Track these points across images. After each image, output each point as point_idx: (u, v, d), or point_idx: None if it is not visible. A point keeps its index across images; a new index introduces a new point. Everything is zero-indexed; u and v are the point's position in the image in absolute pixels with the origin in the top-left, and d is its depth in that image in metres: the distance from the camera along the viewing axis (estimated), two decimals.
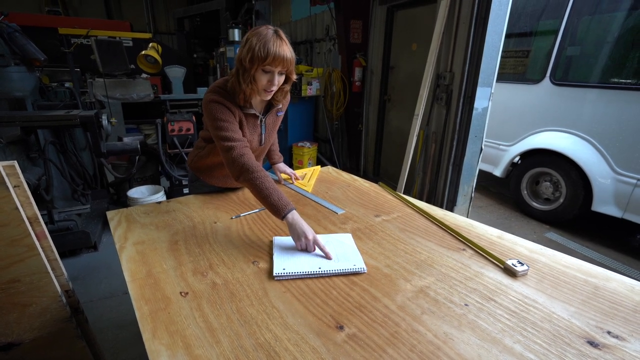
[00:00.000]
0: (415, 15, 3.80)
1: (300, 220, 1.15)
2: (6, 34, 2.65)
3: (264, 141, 1.49)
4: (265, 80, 1.24)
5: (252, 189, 1.22)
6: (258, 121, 1.42)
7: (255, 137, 1.44)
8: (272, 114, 1.47)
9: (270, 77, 1.24)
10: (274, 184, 1.21)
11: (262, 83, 1.25)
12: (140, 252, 1.12)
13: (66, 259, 2.75)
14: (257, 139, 1.46)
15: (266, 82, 1.24)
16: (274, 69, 1.22)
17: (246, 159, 1.24)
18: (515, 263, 1.03)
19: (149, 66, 3.78)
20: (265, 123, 1.45)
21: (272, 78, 1.24)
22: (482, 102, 2.84)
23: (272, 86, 1.26)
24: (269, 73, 1.23)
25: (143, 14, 9.64)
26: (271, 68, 1.21)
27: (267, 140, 1.51)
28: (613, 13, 3.04)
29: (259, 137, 1.46)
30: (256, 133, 1.44)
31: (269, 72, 1.23)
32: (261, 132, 1.46)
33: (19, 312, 1.03)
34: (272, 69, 1.21)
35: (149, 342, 0.76)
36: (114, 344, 1.95)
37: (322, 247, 1.10)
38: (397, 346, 0.76)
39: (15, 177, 0.95)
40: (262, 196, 1.19)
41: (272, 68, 1.21)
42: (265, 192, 1.18)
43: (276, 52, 1.18)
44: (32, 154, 2.64)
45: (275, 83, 1.25)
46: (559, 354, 0.74)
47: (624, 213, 2.99)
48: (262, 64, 1.19)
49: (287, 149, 5.03)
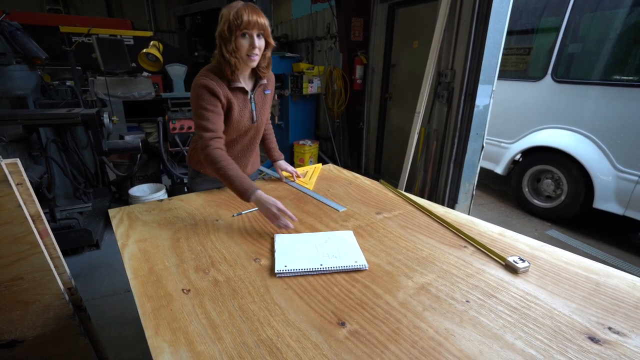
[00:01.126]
0: (416, 12, 3.79)
1: (264, 197, 1.26)
2: (8, 32, 2.65)
3: (256, 118, 1.55)
4: (247, 45, 1.33)
5: (219, 177, 1.34)
6: (248, 97, 1.49)
7: (246, 114, 1.50)
8: (259, 92, 1.54)
9: (250, 41, 1.32)
10: (237, 171, 1.32)
11: (245, 48, 1.33)
12: (142, 250, 1.13)
13: (68, 257, 2.77)
14: (249, 116, 1.52)
15: (248, 46, 1.33)
16: (252, 32, 1.31)
17: (212, 149, 1.34)
18: (516, 260, 1.03)
19: (150, 64, 3.78)
20: (255, 100, 1.52)
21: (252, 41, 1.32)
22: (483, 100, 2.84)
23: (254, 49, 1.34)
24: (248, 37, 1.32)
25: (144, 12, 9.62)
26: (248, 31, 1.31)
27: (259, 118, 1.57)
28: (615, 10, 3.03)
29: (250, 114, 1.52)
30: (247, 109, 1.50)
31: (248, 35, 1.32)
32: (252, 109, 1.52)
33: (22, 310, 1.04)
34: (249, 31, 1.31)
35: (152, 339, 0.77)
36: (116, 342, 1.96)
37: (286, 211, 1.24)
38: (399, 342, 0.76)
39: (18, 174, 0.96)
40: (228, 183, 1.31)
41: (250, 31, 1.31)
42: (230, 180, 1.30)
43: (249, 16, 1.28)
44: (34, 153, 2.64)
45: (256, 45, 1.33)
46: (560, 349, 0.74)
47: (625, 210, 2.98)
48: (239, 29, 1.29)
49: (289, 147, 5.03)
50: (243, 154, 1.64)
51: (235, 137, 1.55)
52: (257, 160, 1.79)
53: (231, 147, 1.58)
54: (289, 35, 6.38)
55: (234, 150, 1.59)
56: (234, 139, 1.55)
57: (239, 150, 1.61)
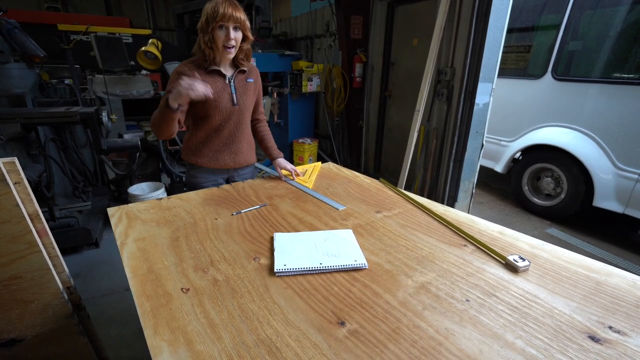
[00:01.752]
0: (415, 10, 3.78)
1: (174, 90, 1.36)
2: (5, 30, 2.64)
3: (236, 101, 1.62)
4: (222, 36, 1.44)
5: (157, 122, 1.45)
6: (226, 80, 1.59)
7: (225, 95, 1.58)
8: (240, 78, 1.63)
9: (226, 32, 1.44)
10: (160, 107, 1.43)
11: (221, 39, 1.44)
12: (141, 249, 1.12)
13: (67, 255, 2.76)
14: (229, 97, 1.60)
15: (224, 37, 1.44)
16: (227, 24, 1.42)
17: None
18: (516, 258, 1.03)
19: (148, 62, 3.76)
20: (235, 84, 1.61)
21: (228, 32, 1.43)
22: (483, 98, 2.83)
23: (230, 40, 1.45)
24: (224, 29, 1.43)
25: (143, 10, 9.60)
26: (224, 23, 1.42)
27: (240, 102, 1.64)
28: (615, 7, 3.02)
29: (230, 96, 1.60)
30: (226, 92, 1.59)
31: (224, 27, 1.43)
32: (231, 92, 1.60)
33: (21, 309, 1.04)
34: (225, 24, 1.42)
35: (151, 338, 0.76)
36: (116, 340, 1.96)
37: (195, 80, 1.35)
38: (399, 342, 0.76)
39: (15, 173, 0.95)
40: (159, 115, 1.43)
41: (226, 23, 1.42)
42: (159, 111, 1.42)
43: (226, 10, 1.39)
44: (33, 151, 2.63)
45: (231, 37, 1.44)
46: (561, 349, 0.74)
47: (625, 208, 2.98)
48: (215, 21, 1.40)
49: (288, 145, 5.03)
50: (231, 139, 1.69)
51: (220, 122, 1.62)
52: (251, 152, 1.82)
53: (219, 133, 1.65)
54: (288, 33, 6.37)
55: (221, 136, 1.66)
56: (219, 123, 1.63)
57: (226, 135, 1.67)
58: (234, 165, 1.76)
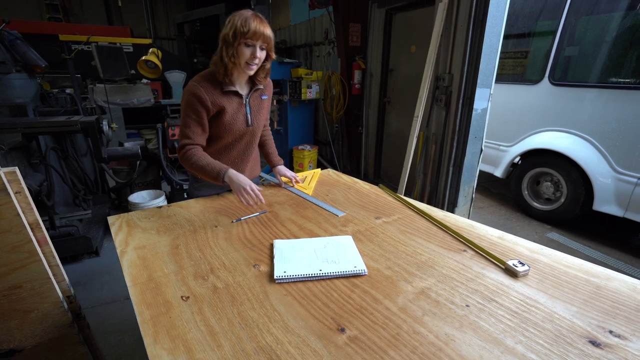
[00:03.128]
0: (413, 17, 3.82)
1: (237, 176, 1.37)
2: (7, 41, 2.67)
3: (250, 122, 1.56)
4: (248, 54, 1.36)
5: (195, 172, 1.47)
6: (242, 100, 1.52)
7: (240, 117, 1.52)
8: (256, 96, 1.57)
9: (252, 51, 1.36)
10: (207, 159, 1.43)
11: (245, 56, 1.36)
12: (141, 257, 1.12)
13: (68, 264, 2.76)
14: (243, 119, 1.54)
15: (249, 55, 1.36)
16: (255, 43, 1.34)
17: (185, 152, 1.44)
18: (516, 263, 1.03)
19: (149, 71, 3.80)
20: (250, 104, 1.55)
21: (255, 51, 1.36)
22: (481, 103, 2.85)
23: (255, 59, 1.37)
24: (251, 47, 1.35)
25: (143, 19, 9.69)
26: (253, 42, 1.34)
27: (254, 122, 1.58)
28: (610, 13, 3.05)
29: (245, 117, 1.54)
30: (241, 113, 1.53)
31: (251, 45, 1.35)
32: (246, 112, 1.54)
33: (20, 319, 1.03)
34: (253, 42, 1.34)
35: (151, 347, 0.76)
36: (115, 350, 1.95)
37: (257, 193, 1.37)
38: (399, 348, 0.76)
39: (16, 183, 0.96)
40: (202, 173, 1.43)
41: (254, 42, 1.34)
42: (203, 170, 1.42)
43: (257, 27, 1.31)
44: (34, 160, 2.65)
45: (257, 56, 1.37)
46: (561, 354, 0.74)
47: (625, 212, 2.98)
48: (244, 37, 1.32)
49: (288, 152, 5.04)
50: (240, 159, 1.65)
51: (231, 141, 1.57)
52: (256, 166, 1.79)
53: (228, 152, 1.60)
54: (288, 41, 6.42)
55: (230, 154, 1.61)
56: (229, 142, 1.57)
57: (235, 155, 1.62)
58: None
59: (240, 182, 1.36)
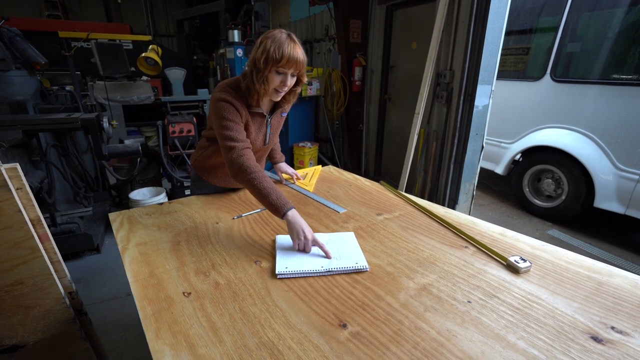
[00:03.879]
0: (414, 14, 3.80)
1: (299, 218, 1.15)
2: (7, 38, 2.66)
3: (268, 141, 1.52)
4: (278, 81, 1.27)
5: (251, 189, 1.23)
6: (264, 120, 1.45)
7: (260, 137, 1.47)
8: (277, 114, 1.50)
9: (283, 79, 1.26)
10: (272, 184, 1.22)
11: (275, 84, 1.27)
12: (142, 253, 1.12)
13: (69, 261, 2.76)
14: (262, 139, 1.49)
15: (279, 82, 1.27)
16: (287, 71, 1.25)
17: (245, 159, 1.26)
18: (517, 260, 1.03)
19: (149, 68, 3.79)
20: (271, 123, 1.49)
21: (285, 79, 1.27)
22: (482, 100, 2.84)
23: (284, 87, 1.29)
24: (282, 74, 1.26)
25: (143, 16, 9.66)
26: (284, 70, 1.24)
27: (271, 140, 1.55)
28: (613, 9, 3.03)
29: (264, 137, 1.49)
30: (262, 132, 1.47)
31: (282, 73, 1.25)
32: (266, 132, 1.49)
33: (23, 314, 1.04)
34: (285, 70, 1.24)
35: (153, 343, 0.77)
36: (117, 345, 1.95)
37: (322, 245, 1.10)
38: (401, 344, 0.76)
39: (17, 179, 0.96)
40: (262, 195, 1.20)
41: (286, 70, 1.24)
42: (264, 192, 1.19)
43: (290, 54, 1.21)
44: (34, 158, 2.65)
45: (287, 84, 1.28)
46: (563, 349, 0.74)
47: (626, 209, 2.98)
48: (277, 65, 1.22)
49: (288, 149, 5.03)
50: None
51: None
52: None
53: None
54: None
55: None
56: None
57: None
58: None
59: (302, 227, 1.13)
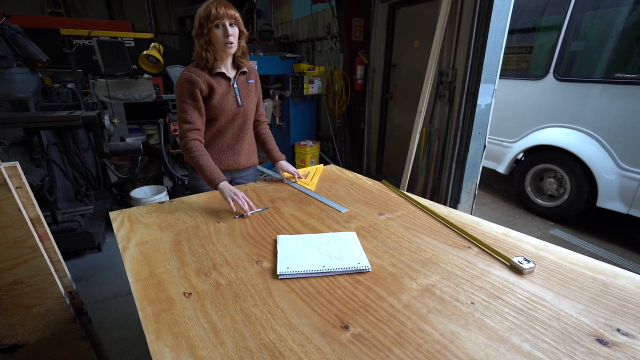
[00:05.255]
0: (416, 12, 3.78)
1: (227, 187, 1.41)
2: (8, 35, 2.66)
3: (240, 102, 1.65)
4: (221, 34, 1.44)
5: (194, 165, 1.50)
6: (230, 82, 1.61)
7: (230, 98, 1.61)
8: (242, 80, 1.66)
9: (224, 30, 1.44)
10: (209, 161, 1.48)
11: (219, 37, 1.45)
12: (143, 253, 1.12)
13: (70, 260, 2.76)
14: (233, 100, 1.62)
15: (222, 35, 1.44)
16: (223, 21, 1.43)
17: (188, 140, 1.50)
18: (521, 260, 1.02)
19: (150, 66, 3.78)
20: (238, 86, 1.64)
21: (226, 30, 1.44)
22: (485, 99, 2.82)
23: (229, 36, 1.44)
24: (220, 28, 1.44)
25: (144, 14, 9.65)
26: (219, 21, 1.42)
27: (244, 103, 1.66)
28: (616, 8, 3.01)
29: (234, 98, 1.63)
30: (230, 94, 1.61)
31: (220, 26, 1.43)
32: (235, 94, 1.63)
33: (22, 314, 1.03)
34: (220, 22, 1.42)
35: (153, 344, 0.76)
36: (118, 345, 1.95)
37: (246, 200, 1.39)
38: (404, 346, 0.75)
39: (17, 178, 0.95)
40: (200, 171, 1.48)
41: (221, 21, 1.42)
42: (202, 168, 1.47)
43: (219, 9, 1.41)
44: (35, 155, 2.64)
45: (230, 33, 1.44)
46: (568, 352, 0.73)
47: (629, 209, 2.96)
48: (211, 22, 1.41)
49: (290, 148, 5.03)
50: (235, 141, 1.71)
51: (225, 123, 1.64)
52: (253, 154, 1.83)
53: (223, 134, 1.67)
54: (290, 36, 6.38)
55: (225, 137, 1.68)
56: (223, 124, 1.65)
57: (230, 137, 1.69)
58: (237, 167, 1.76)
59: (229, 190, 1.40)
